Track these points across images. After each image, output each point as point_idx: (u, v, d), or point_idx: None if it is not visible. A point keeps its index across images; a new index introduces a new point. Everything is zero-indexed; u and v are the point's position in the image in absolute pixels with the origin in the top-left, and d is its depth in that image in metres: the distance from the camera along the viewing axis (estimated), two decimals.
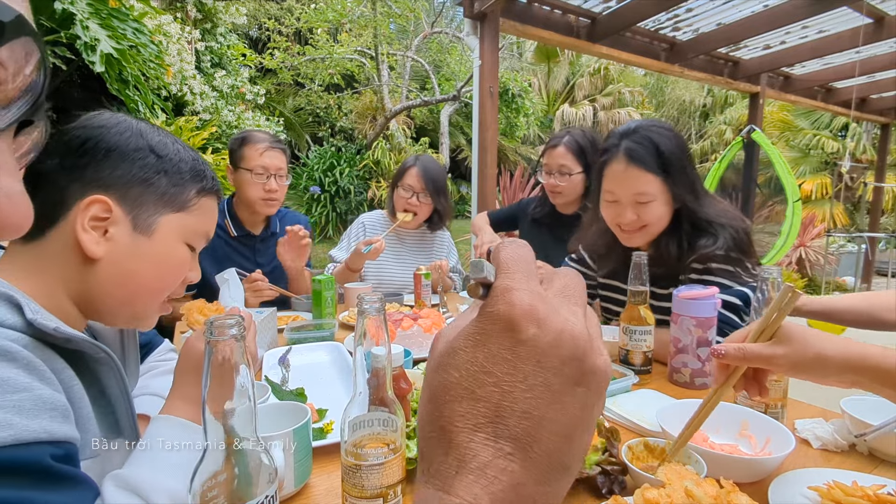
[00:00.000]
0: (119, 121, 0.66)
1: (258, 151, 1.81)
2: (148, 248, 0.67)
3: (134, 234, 0.65)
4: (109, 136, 0.64)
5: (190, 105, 5.01)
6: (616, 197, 1.26)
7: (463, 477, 0.23)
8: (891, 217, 10.89)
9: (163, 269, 0.69)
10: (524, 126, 10.05)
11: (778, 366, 0.67)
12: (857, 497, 0.64)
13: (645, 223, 1.26)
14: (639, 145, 1.22)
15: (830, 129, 11.11)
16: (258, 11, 10.25)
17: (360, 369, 0.61)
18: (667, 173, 1.22)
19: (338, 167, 9.05)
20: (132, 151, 0.65)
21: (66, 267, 0.63)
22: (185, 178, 0.70)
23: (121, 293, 0.67)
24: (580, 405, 0.25)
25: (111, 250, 0.64)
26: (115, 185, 0.64)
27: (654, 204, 1.23)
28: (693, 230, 1.28)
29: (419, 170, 2.11)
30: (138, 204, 0.65)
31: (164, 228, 0.68)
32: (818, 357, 0.65)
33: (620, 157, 1.23)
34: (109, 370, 0.64)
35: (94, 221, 0.63)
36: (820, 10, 3.63)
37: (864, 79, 5.43)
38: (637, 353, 1.17)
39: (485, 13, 3.22)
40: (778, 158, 5.26)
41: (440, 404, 0.25)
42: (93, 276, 0.64)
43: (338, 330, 1.51)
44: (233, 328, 0.48)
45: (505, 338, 0.25)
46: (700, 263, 1.26)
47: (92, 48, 1.84)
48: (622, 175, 1.24)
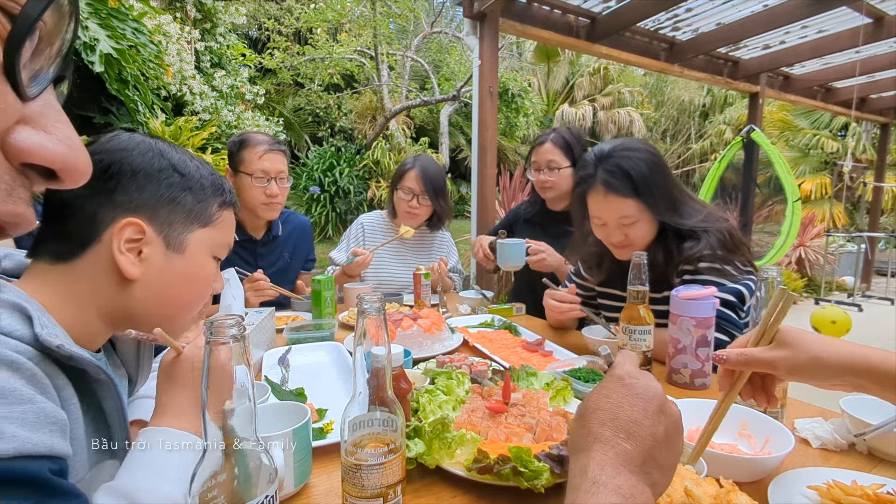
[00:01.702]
0: (138, 142, 0.68)
1: (257, 154, 1.76)
2: (182, 266, 0.69)
3: (167, 253, 0.68)
4: (133, 158, 0.66)
5: (189, 105, 5.01)
6: (603, 221, 1.36)
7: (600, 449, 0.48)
8: (890, 217, 10.89)
9: (197, 284, 0.72)
10: (524, 126, 10.04)
11: (778, 369, 0.67)
12: (856, 496, 0.64)
13: (633, 240, 1.35)
14: (611, 174, 1.31)
15: (830, 129, 11.12)
16: (258, 11, 10.25)
17: (360, 369, 0.61)
18: (642, 195, 1.30)
19: (337, 167, 9.05)
20: (156, 172, 0.67)
21: (101, 287, 0.64)
22: (208, 193, 0.72)
23: (159, 310, 0.69)
24: (663, 427, 0.50)
25: (147, 270, 0.66)
26: (144, 207, 0.66)
27: (638, 223, 1.33)
28: (677, 238, 1.34)
29: (418, 172, 2.10)
30: (168, 223, 0.67)
31: (194, 244, 0.70)
32: (815, 360, 0.65)
33: (598, 188, 1.33)
34: (108, 392, 0.65)
35: (129, 243, 0.64)
36: (819, 9, 3.63)
37: (863, 78, 5.43)
38: (637, 353, 1.17)
39: (484, 13, 3.22)
40: (777, 158, 5.26)
41: (588, 421, 0.51)
42: (130, 296, 0.66)
43: (338, 330, 1.51)
44: (232, 328, 0.48)
45: (620, 385, 0.53)
46: (689, 265, 1.30)
47: (91, 48, 1.84)
48: (603, 203, 1.33)
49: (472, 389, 0.99)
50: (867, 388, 0.64)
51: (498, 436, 0.82)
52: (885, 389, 0.62)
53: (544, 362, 1.27)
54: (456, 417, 0.88)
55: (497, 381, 1.05)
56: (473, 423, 0.85)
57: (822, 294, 7.07)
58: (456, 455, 0.76)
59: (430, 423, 0.77)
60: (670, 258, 1.33)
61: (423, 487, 0.74)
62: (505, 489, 0.72)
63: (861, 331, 5.20)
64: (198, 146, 3.61)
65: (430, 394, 0.92)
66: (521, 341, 1.45)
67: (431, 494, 0.73)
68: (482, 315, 1.76)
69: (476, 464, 0.71)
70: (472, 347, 1.43)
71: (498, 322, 1.64)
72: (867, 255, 7.56)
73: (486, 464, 0.70)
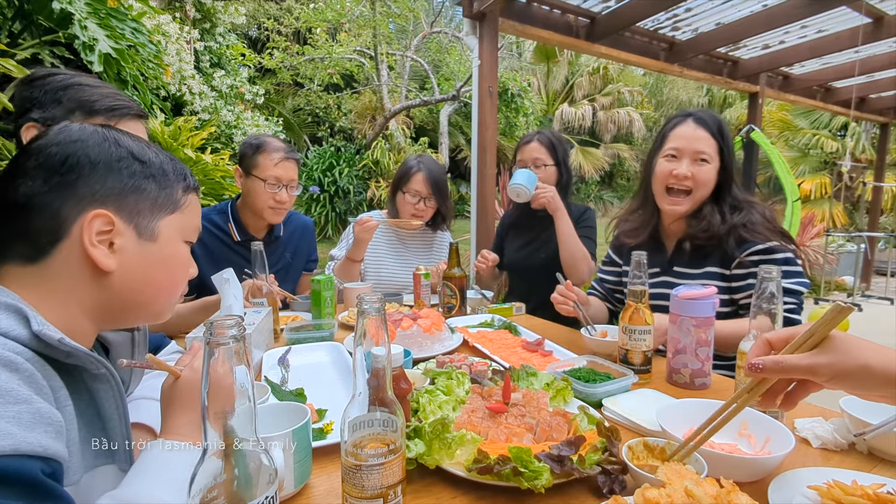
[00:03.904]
0: (91, 132, 0.66)
1: (273, 161, 1.78)
2: (157, 253, 0.68)
3: (140, 242, 0.66)
4: (89, 148, 0.64)
5: (189, 105, 5.01)
6: (678, 153, 1.43)
7: None
8: (890, 216, 10.89)
9: (173, 270, 0.71)
10: (523, 126, 10.04)
11: (820, 375, 0.63)
12: (856, 496, 0.64)
13: (696, 183, 1.41)
14: (706, 115, 1.45)
15: (830, 129, 11.12)
16: (257, 11, 10.25)
17: (360, 369, 0.61)
18: (724, 143, 1.42)
19: (337, 167, 9.06)
20: (116, 161, 0.65)
21: (79, 283, 0.63)
22: (171, 179, 0.70)
23: (140, 299, 0.69)
24: None
25: (122, 261, 0.65)
26: (109, 198, 0.64)
27: (708, 166, 1.41)
28: (731, 208, 1.43)
29: (425, 174, 2.10)
30: (136, 212, 0.66)
31: (165, 231, 0.69)
32: (864, 368, 0.61)
33: (689, 121, 1.45)
34: (109, 389, 0.64)
35: (100, 235, 0.63)
36: (819, 9, 3.63)
37: (863, 78, 5.44)
38: (637, 352, 1.17)
39: (484, 13, 3.22)
40: (777, 158, 5.27)
41: None
42: (109, 289, 0.65)
43: (337, 330, 1.51)
44: (232, 329, 0.48)
45: None
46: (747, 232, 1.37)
47: (90, 48, 1.83)
48: (690, 134, 1.43)
49: (472, 389, 0.99)
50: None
51: (498, 436, 0.82)
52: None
53: (544, 362, 1.27)
54: (456, 418, 0.88)
55: (497, 381, 1.05)
56: (473, 424, 0.85)
57: (822, 294, 7.07)
58: (456, 455, 0.76)
59: (430, 424, 0.77)
60: (725, 221, 1.40)
61: (423, 488, 0.74)
62: (505, 489, 0.72)
63: (861, 331, 5.21)
64: (197, 146, 3.60)
65: (430, 394, 0.92)
66: (521, 341, 1.45)
67: (431, 495, 0.73)
68: (482, 315, 1.76)
69: (476, 464, 0.71)
70: (472, 347, 1.43)
71: (498, 322, 1.64)
72: (867, 255, 7.56)
73: (487, 464, 0.70)
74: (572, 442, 0.74)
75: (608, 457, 0.73)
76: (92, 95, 1.02)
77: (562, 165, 2.12)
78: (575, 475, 0.71)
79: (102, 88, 1.04)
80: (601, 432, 0.79)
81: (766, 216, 1.41)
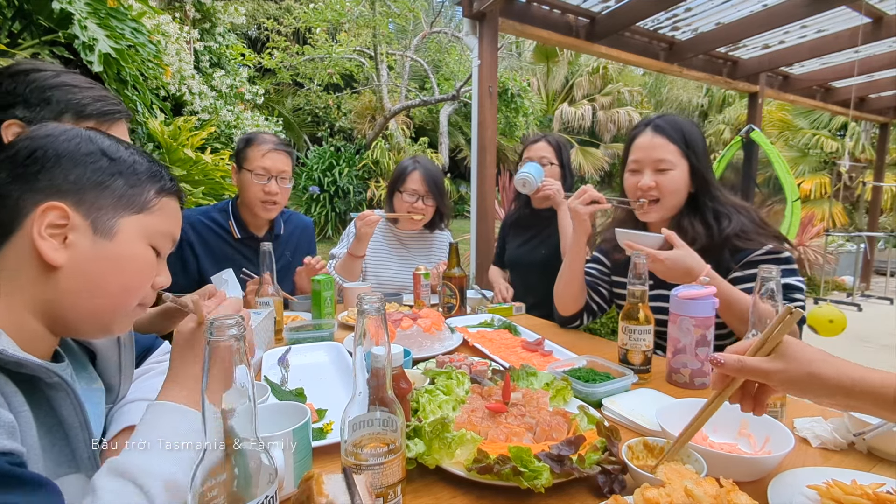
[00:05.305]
0: (66, 129, 0.65)
1: (261, 153, 1.79)
2: (110, 251, 0.64)
3: (95, 238, 0.63)
4: (58, 143, 0.62)
5: (189, 105, 5.01)
6: (639, 165, 1.40)
7: None
8: (889, 216, 10.89)
9: (127, 273, 0.67)
10: (523, 126, 10.04)
11: (772, 381, 0.67)
12: (856, 496, 0.64)
13: (661, 192, 1.37)
14: (664, 122, 1.40)
15: (829, 129, 11.12)
16: (257, 11, 10.25)
17: (360, 369, 0.61)
18: (687, 147, 1.36)
19: (337, 167, 9.05)
20: (83, 156, 0.63)
21: (27, 279, 0.61)
22: (143, 178, 0.68)
23: (87, 302, 0.64)
24: None
25: (73, 257, 0.62)
26: (69, 191, 0.61)
27: (672, 173, 1.36)
28: (713, 214, 1.36)
29: (422, 173, 2.10)
30: (96, 208, 0.63)
31: (125, 230, 0.65)
32: (812, 377, 0.64)
33: (647, 131, 1.40)
34: (66, 397, 0.61)
35: (52, 229, 0.60)
36: (819, 9, 3.63)
37: (862, 78, 5.44)
38: (636, 352, 1.17)
39: (484, 13, 3.22)
40: (777, 158, 5.27)
41: None
42: (56, 286, 0.62)
43: (337, 330, 1.51)
44: (233, 328, 0.48)
45: None
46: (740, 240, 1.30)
47: (90, 48, 1.83)
48: (648, 143, 1.39)
49: (471, 389, 0.99)
50: (862, 409, 0.65)
51: (498, 436, 0.82)
52: (883, 410, 0.62)
53: (544, 362, 1.27)
54: (456, 417, 0.88)
55: (497, 381, 1.05)
56: (473, 423, 0.85)
57: (822, 294, 7.07)
58: (456, 455, 0.76)
59: (429, 423, 0.77)
60: (711, 232, 1.34)
61: (423, 487, 0.74)
62: (505, 489, 0.72)
63: (861, 331, 5.21)
64: (197, 146, 3.60)
65: (430, 394, 0.92)
66: (520, 341, 1.45)
67: (431, 494, 0.73)
68: (482, 315, 1.77)
69: (476, 464, 0.71)
70: (471, 347, 1.43)
71: (498, 322, 1.64)
72: (866, 255, 7.56)
73: (486, 464, 0.70)
74: (572, 442, 0.75)
75: (608, 456, 0.73)
76: (83, 98, 0.99)
77: (566, 168, 2.20)
78: (575, 475, 0.71)
79: (92, 90, 1.01)
80: (601, 432, 0.79)
81: (756, 220, 1.35)
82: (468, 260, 4.50)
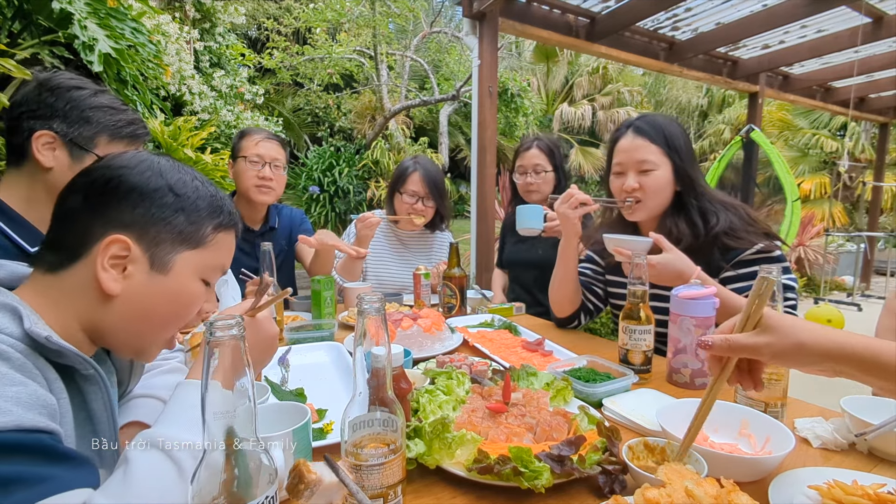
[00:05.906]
0: (141, 160, 0.68)
1: (254, 142, 1.89)
2: (164, 286, 0.68)
3: (150, 273, 0.67)
4: (131, 175, 0.66)
5: (189, 105, 5.01)
6: (622, 168, 1.40)
7: None
8: (889, 216, 10.89)
9: (176, 306, 0.71)
10: (523, 126, 10.03)
11: (762, 354, 0.69)
12: (857, 496, 0.64)
13: (645, 193, 1.37)
14: (645, 122, 1.40)
15: (829, 129, 11.11)
16: (257, 11, 10.24)
17: (360, 369, 0.61)
18: (669, 147, 1.36)
19: (337, 167, 9.04)
20: (151, 191, 0.67)
21: (84, 300, 0.65)
22: (203, 214, 0.71)
23: (133, 328, 0.69)
24: None
25: (128, 287, 0.66)
26: (134, 225, 0.65)
27: (655, 174, 1.36)
28: (699, 213, 1.35)
29: (422, 174, 2.11)
30: (156, 242, 0.67)
31: (179, 265, 0.69)
32: (798, 346, 0.66)
33: (628, 133, 1.40)
34: (98, 390, 0.65)
35: (114, 260, 0.64)
36: (819, 9, 3.63)
37: (862, 78, 5.44)
38: (637, 352, 1.17)
39: (484, 13, 3.22)
40: (777, 158, 5.27)
41: None
42: (108, 311, 0.66)
43: (337, 330, 1.51)
44: (232, 329, 0.48)
45: None
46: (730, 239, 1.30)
47: (90, 48, 1.83)
48: (629, 145, 1.39)
49: (472, 389, 0.99)
50: (849, 374, 0.65)
51: (498, 436, 0.82)
52: (867, 374, 0.64)
53: (544, 362, 1.27)
54: (456, 417, 0.88)
55: (497, 381, 1.05)
56: (473, 423, 0.85)
57: (822, 293, 7.07)
58: (456, 455, 0.76)
59: (430, 424, 0.77)
60: (697, 231, 1.33)
61: (424, 488, 0.74)
62: (505, 489, 0.72)
63: (861, 331, 5.20)
64: (197, 146, 3.59)
65: (430, 394, 0.92)
66: (521, 341, 1.45)
67: (431, 495, 0.73)
68: (482, 315, 1.76)
69: (476, 464, 0.71)
70: (472, 347, 1.43)
71: (498, 322, 1.64)
72: (866, 255, 7.56)
73: (487, 464, 0.70)
74: (572, 442, 0.74)
75: (608, 457, 0.73)
76: (119, 121, 1.11)
77: (560, 170, 2.18)
78: (575, 475, 0.71)
79: (125, 113, 1.13)
80: (601, 432, 0.79)
81: (745, 217, 1.34)
82: (468, 260, 4.50)
